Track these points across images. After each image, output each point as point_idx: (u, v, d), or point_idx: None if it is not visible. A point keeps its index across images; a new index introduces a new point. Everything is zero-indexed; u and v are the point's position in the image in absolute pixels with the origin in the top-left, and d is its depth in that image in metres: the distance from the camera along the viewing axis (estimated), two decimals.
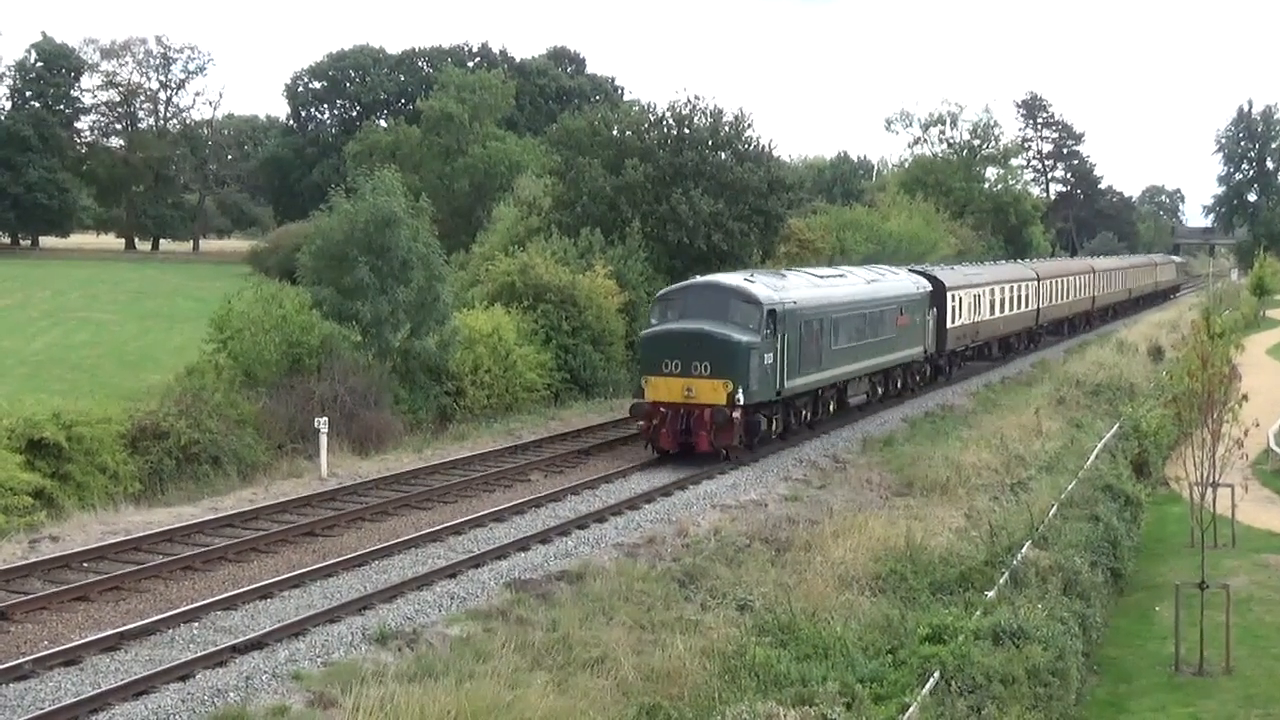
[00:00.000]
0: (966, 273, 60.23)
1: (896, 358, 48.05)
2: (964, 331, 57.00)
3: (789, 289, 38.95)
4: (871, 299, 45.13)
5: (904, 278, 50.90)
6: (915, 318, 49.38)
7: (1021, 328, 68.92)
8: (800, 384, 38.94)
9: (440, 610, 22.74)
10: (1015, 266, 72.51)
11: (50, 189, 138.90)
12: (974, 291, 58.23)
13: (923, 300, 50.77)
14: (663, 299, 38.25)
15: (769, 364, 36.32)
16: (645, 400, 35.92)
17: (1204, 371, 26.36)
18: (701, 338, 35.54)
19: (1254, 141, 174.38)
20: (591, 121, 72.52)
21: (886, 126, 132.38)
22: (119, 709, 17.71)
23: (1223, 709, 22.75)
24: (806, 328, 38.72)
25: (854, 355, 43.13)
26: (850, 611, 23.75)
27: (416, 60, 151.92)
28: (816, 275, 43.48)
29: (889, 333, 46.42)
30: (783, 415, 38.83)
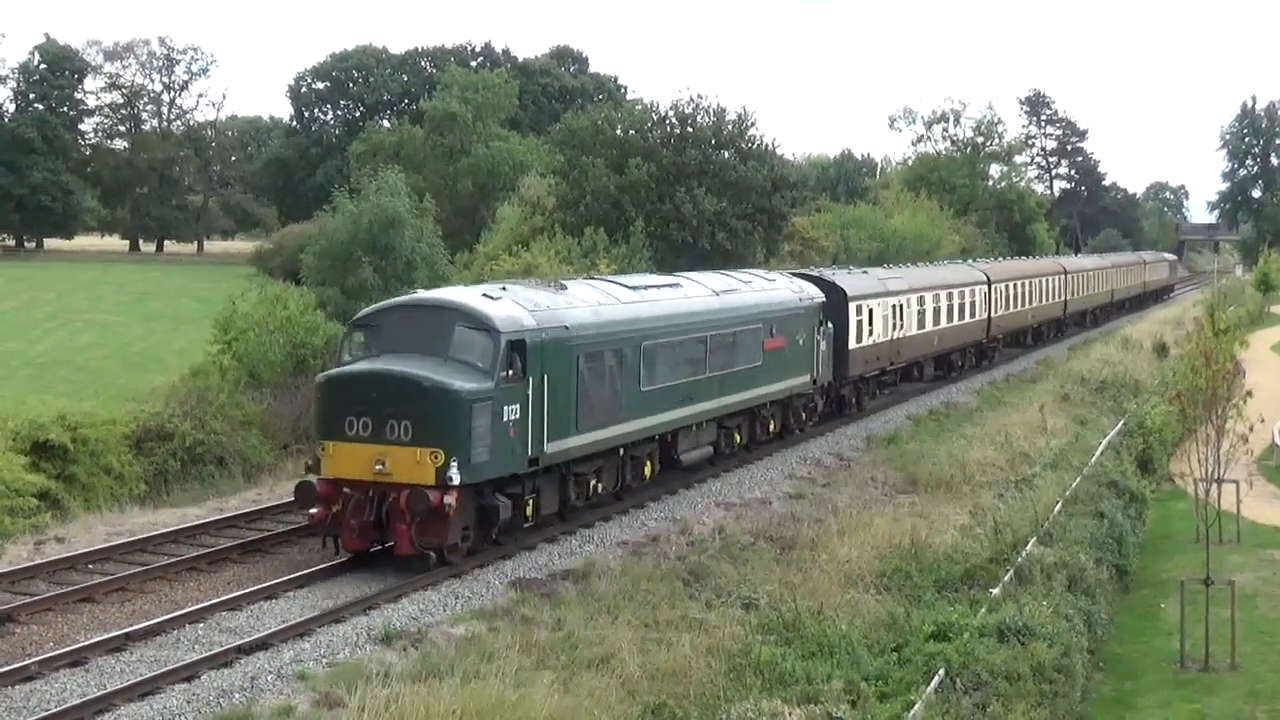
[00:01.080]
0: (883, 277, 49.92)
1: (765, 392, 36.64)
2: (877, 352, 46.49)
3: (562, 307, 27.64)
4: (717, 316, 33.85)
5: (780, 286, 39.14)
6: (797, 337, 38.29)
7: (966, 342, 58.65)
8: (579, 445, 27.56)
9: (445, 610, 22.76)
10: (958, 268, 62.38)
11: (54, 191, 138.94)
12: (892, 301, 47.72)
13: (809, 314, 39.49)
14: (359, 326, 26.61)
15: (511, 420, 25.05)
16: (320, 477, 24.78)
17: (1208, 368, 26.35)
18: (397, 385, 24.23)
19: (1258, 137, 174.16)
20: (595, 121, 72.69)
21: (890, 124, 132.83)
22: (124, 710, 17.73)
23: (1228, 705, 22.76)
24: (591, 362, 27.81)
25: (685, 395, 31.88)
26: (855, 609, 23.75)
27: (419, 60, 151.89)
28: (626, 286, 31.66)
29: (750, 360, 35.22)
30: (551, 491, 27.44)
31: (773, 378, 36.83)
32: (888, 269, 53.99)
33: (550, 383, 26.13)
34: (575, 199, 67.77)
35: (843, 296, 43.29)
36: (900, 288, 49.17)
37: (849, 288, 44.21)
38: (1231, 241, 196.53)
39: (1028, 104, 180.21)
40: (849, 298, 43.59)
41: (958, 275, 58.54)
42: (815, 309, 40.09)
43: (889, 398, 49.46)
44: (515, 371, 25.27)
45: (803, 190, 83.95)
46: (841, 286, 43.71)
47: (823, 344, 40.46)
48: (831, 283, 43.50)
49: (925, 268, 59.37)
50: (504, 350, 24.92)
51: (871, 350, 45.83)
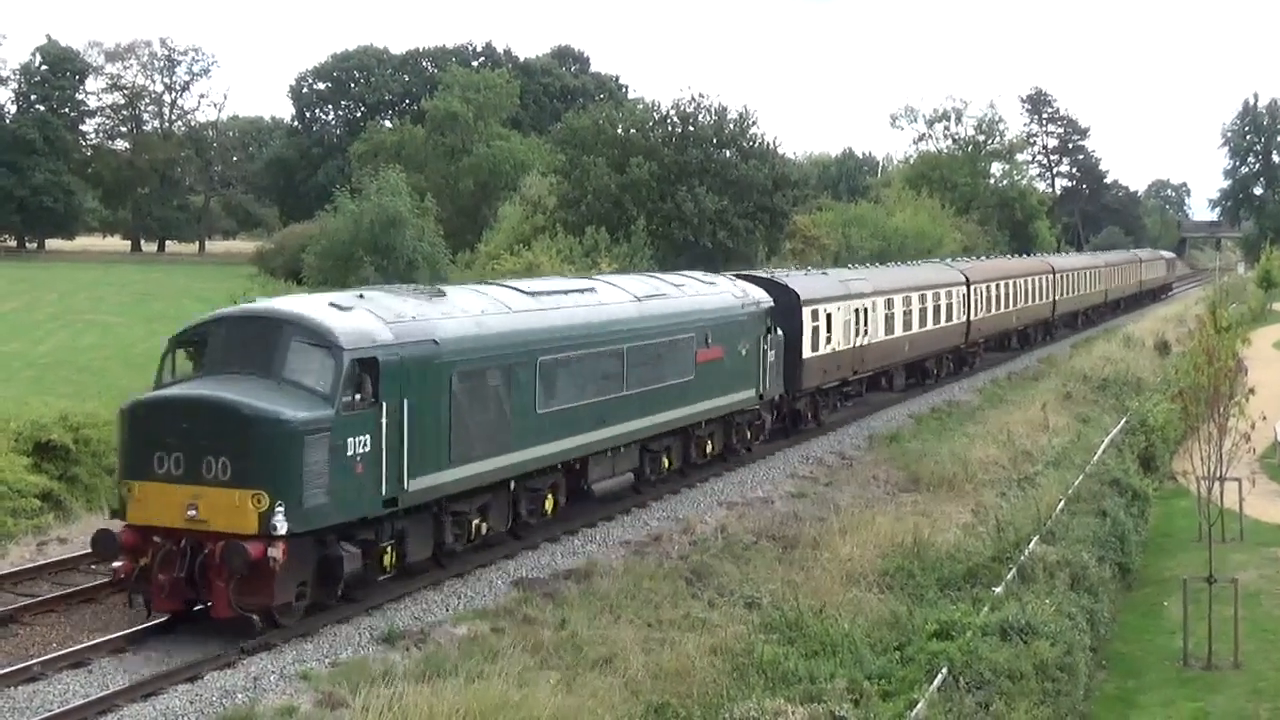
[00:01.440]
0: (846, 278, 45.46)
1: (700, 410, 32.43)
2: (838, 361, 42.11)
3: (433, 318, 23.27)
4: (638, 326, 29.64)
5: (719, 290, 34.93)
6: (740, 347, 34.18)
7: (943, 348, 54.47)
8: (454, 479, 23.26)
9: (448, 609, 22.74)
10: (934, 268, 58.27)
11: (56, 192, 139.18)
12: (855, 304, 43.54)
13: (754, 321, 35.41)
14: (182, 342, 22.55)
15: (359, 454, 20.82)
16: (125, 523, 20.85)
17: (1210, 365, 26.36)
18: (213, 414, 20.25)
19: (1260, 135, 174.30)
20: (596, 120, 72.85)
21: (891, 122, 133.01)
22: (127, 710, 17.73)
23: (1231, 703, 22.75)
24: (469, 382, 23.60)
25: (597, 417, 27.77)
26: (858, 608, 23.73)
27: (421, 60, 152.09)
28: (523, 291, 27.26)
29: (679, 374, 31.07)
30: (420, 535, 23.25)
31: (709, 393, 32.54)
32: (853, 270, 49.78)
33: (413, 408, 21.88)
34: (577, 198, 67.87)
35: (795, 301, 38.86)
36: (865, 290, 44.88)
37: (803, 291, 39.70)
38: (1233, 239, 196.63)
39: (1029, 102, 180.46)
40: (803, 302, 39.15)
41: (932, 276, 54.33)
42: (762, 315, 35.83)
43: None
44: (364, 396, 21.06)
45: (804, 189, 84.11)
46: (794, 289, 39.38)
47: (771, 354, 36.11)
48: (784, 285, 39.34)
49: (896, 268, 55.39)
50: (348, 370, 20.71)
51: (830, 359, 41.39)
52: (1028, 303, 67.44)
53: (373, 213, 61.70)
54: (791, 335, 38.10)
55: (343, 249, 62.16)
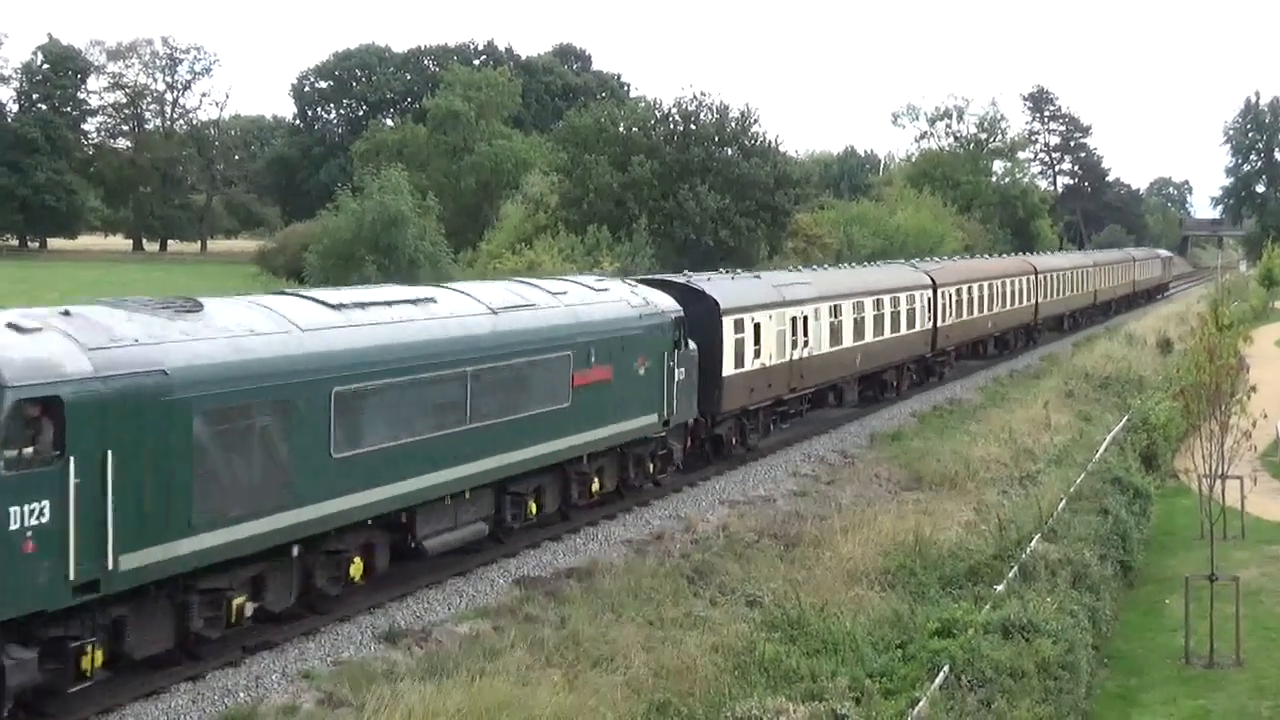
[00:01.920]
0: (781, 282, 39.75)
1: (579, 442, 27.28)
2: (769, 377, 36.97)
3: (166, 340, 18.31)
4: (488, 343, 24.32)
5: (611, 298, 29.55)
6: (636, 365, 29.07)
7: (904, 357, 49.82)
8: (198, 550, 18.36)
9: (449, 608, 22.77)
10: (894, 270, 52.99)
11: (58, 191, 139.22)
12: (792, 312, 38.40)
13: (656, 334, 30.20)
14: None
15: (29, 528, 15.98)
16: None
17: (1212, 364, 26.38)
18: None
19: (1262, 133, 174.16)
20: (598, 118, 72.89)
21: (893, 121, 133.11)
22: (130, 709, 17.74)
23: (1233, 701, 22.74)
24: (221, 424, 18.65)
25: (426, 458, 22.55)
26: (859, 606, 23.74)
27: (422, 59, 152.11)
28: (326, 304, 21.96)
29: (549, 400, 26.01)
30: (150, 623, 18.40)
31: (592, 421, 27.44)
32: (792, 271, 44.67)
33: (124, 460, 16.90)
34: (578, 197, 67.93)
35: (713, 309, 34.06)
36: (804, 295, 39.66)
37: (723, 298, 34.75)
38: (1235, 237, 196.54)
39: (1031, 100, 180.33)
40: (723, 311, 34.29)
41: (892, 279, 49.48)
42: (668, 327, 30.67)
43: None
44: (40, 448, 16.10)
45: (806, 187, 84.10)
46: (712, 297, 34.36)
47: (681, 372, 31.18)
48: (698, 292, 34.32)
49: (847, 270, 50.25)
50: (9, 414, 15.76)
51: (759, 376, 36.32)
52: (1006, 306, 62.68)
53: (374, 212, 61.74)
54: (709, 349, 33.28)
55: (344, 248, 62.20)
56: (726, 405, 34.79)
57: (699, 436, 34.43)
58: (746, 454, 36.57)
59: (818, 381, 40.93)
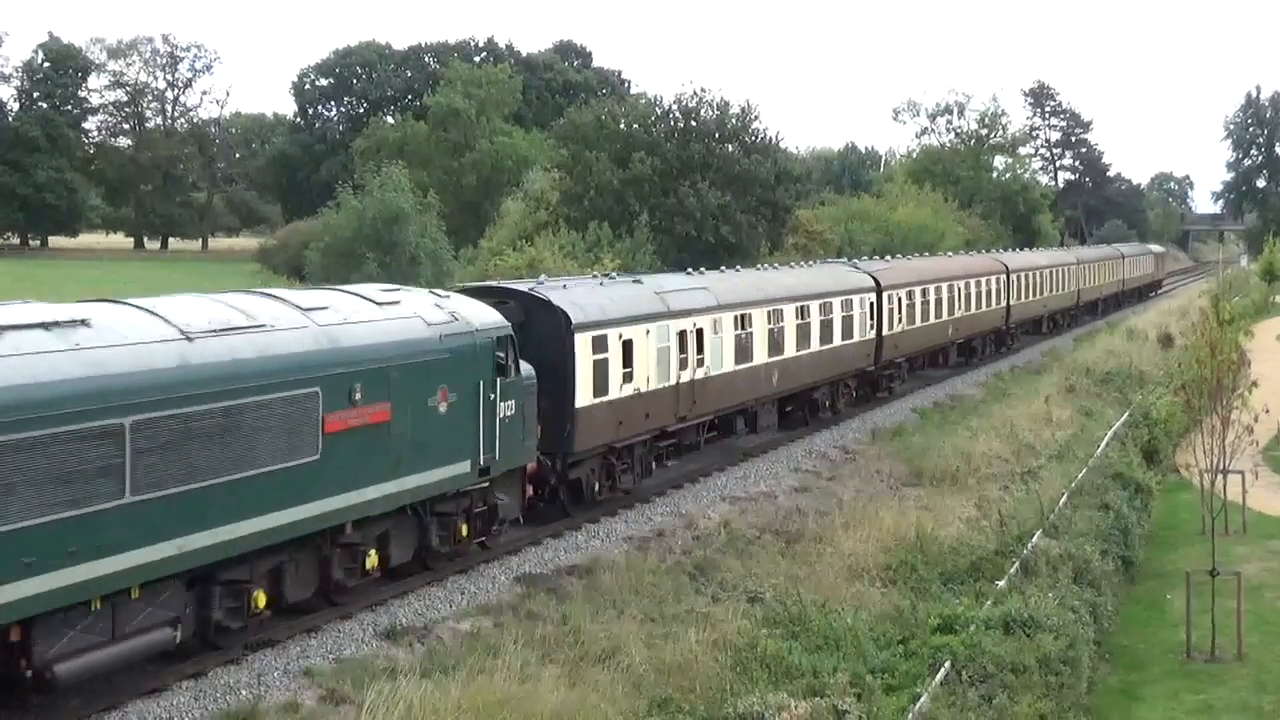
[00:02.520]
0: (666, 289, 32.96)
1: (340, 506, 20.79)
2: (644, 406, 30.43)
3: None
4: (172, 382, 17.94)
5: (400, 312, 22.89)
6: (433, 400, 22.65)
7: (840, 372, 42.79)
8: None
9: (451, 605, 22.77)
10: (828, 272, 45.63)
11: (59, 189, 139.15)
12: (680, 325, 32.11)
13: (467, 359, 23.57)
14: None
15: None
16: None
17: (1213, 358, 26.37)
18: None
19: (1263, 127, 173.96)
20: (598, 115, 72.83)
21: (894, 117, 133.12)
22: (132, 707, 17.75)
23: (1235, 695, 22.76)
24: None
25: (44, 550, 16.14)
26: (861, 602, 23.75)
27: (423, 56, 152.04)
28: None
29: (285, 453, 19.65)
30: None
31: (357, 478, 20.83)
32: (691, 275, 36.65)
33: None
34: (579, 194, 67.91)
35: (562, 324, 27.65)
36: (698, 304, 33.48)
37: (576, 309, 28.22)
38: (1236, 231, 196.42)
39: (1032, 95, 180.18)
40: (575, 326, 27.83)
41: (822, 281, 42.60)
42: (485, 348, 24.07)
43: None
44: None
45: (807, 183, 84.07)
46: (560, 309, 27.82)
47: (508, 405, 24.67)
48: (544, 302, 27.99)
49: (762, 272, 42.63)
50: None
51: (631, 405, 29.82)
52: (970, 309, 56.36)
53: (375, 209, 61.78)
54: (556, 374, 27.24)
55: (346, 245, 62.24)
56: (583, 443, 28.06)
57: (545, 483, 27.77)
58: (625, 496, 30.35)
59: (719, 406, 34.33)
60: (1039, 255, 76.77)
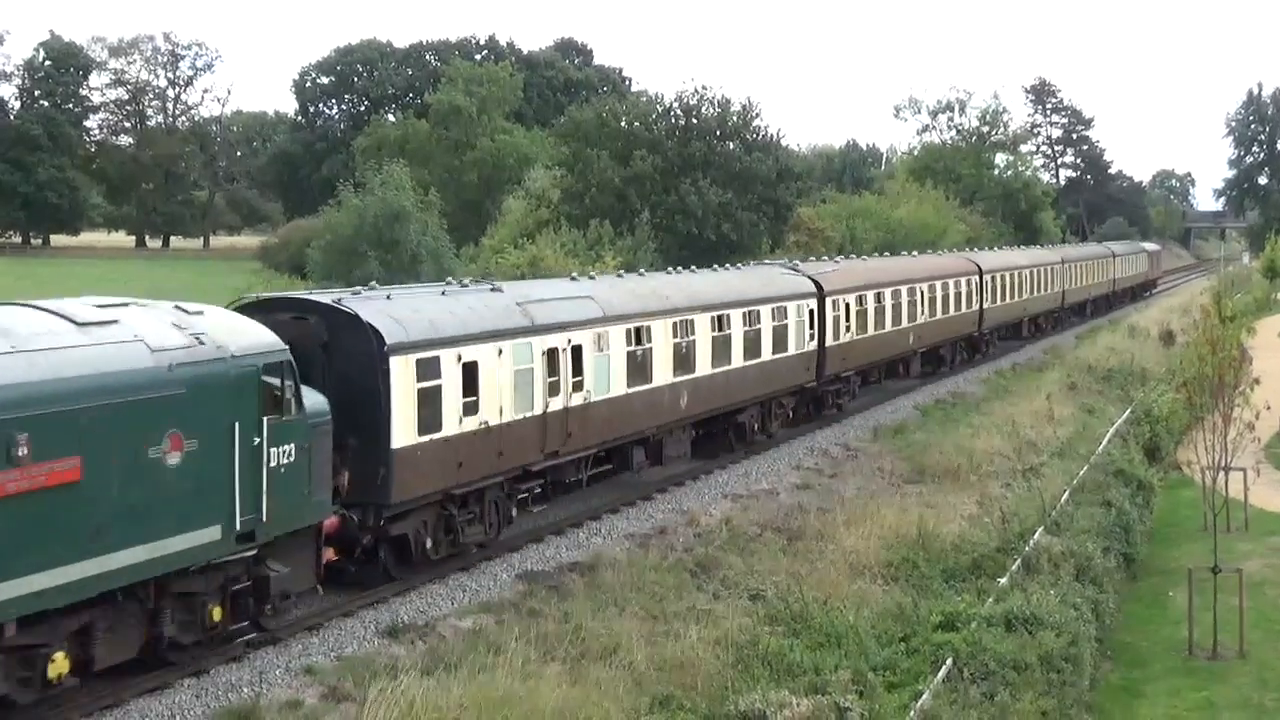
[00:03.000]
0: (528, 299, 27.69)
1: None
2: (499, 442, 25.37)
3: None
4: None
5: (113, 335, 17.69)
6: (162, 451, 17.57)
7: (772, 390, 37.66)
8: None
9: (452, 603, 22.80)
10: (761, 275, 40.41)
11: (60, 188, 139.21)
12: (550, 343, 27.16)
13: (217, 395, 18.54)
14: None
15: None
16: None
17: (1214, 355, 26.35)
18: None
19: (1264, 124, 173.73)
20: (600, 113, 72.84)
21: (895, 114, 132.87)
22: (134, 705, 17.76)
23: (1237, 692, 22.75)
24: None
25: None
26: (862, 600, 23.75)
27: (424, 54, 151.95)
28: None
29: None
30: None
31: (17, 563, 15.82)
32: (576, 281, 31.86)
33: None
34: (580, 191, 67.92)
35: (372, 345, 22.49)
36: (575, 316, 28.24)
37: (392, 326, 23.05)
38: (1238, 229, 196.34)
39: (1033, 92, 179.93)
40: (391, 347, 22.69)
41: (750, 286, 37.50)
42: (246, 379, 19.03)
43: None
44: None
45: (808, 181, 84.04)
46: (371, 325, 22.64)
47: (285, 450, 19.52)
48: (350, 316, 22.89)
49: (678, 276, 36.52)
50: None
51: (476, 442, 24.66)
52: (936, 315, 51.62)
53: (377, 207, 61.70)
54: (366, 407, 22.36)
55: (347, 244, 62.15)
56: (404, 491, 22.98)
57: (355, 543, 22.68)
58: (478, 551, 25.47)
59: (606, 437, 29.49)
60: (1018, 254, 71.59)
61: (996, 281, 59.84)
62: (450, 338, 24.22)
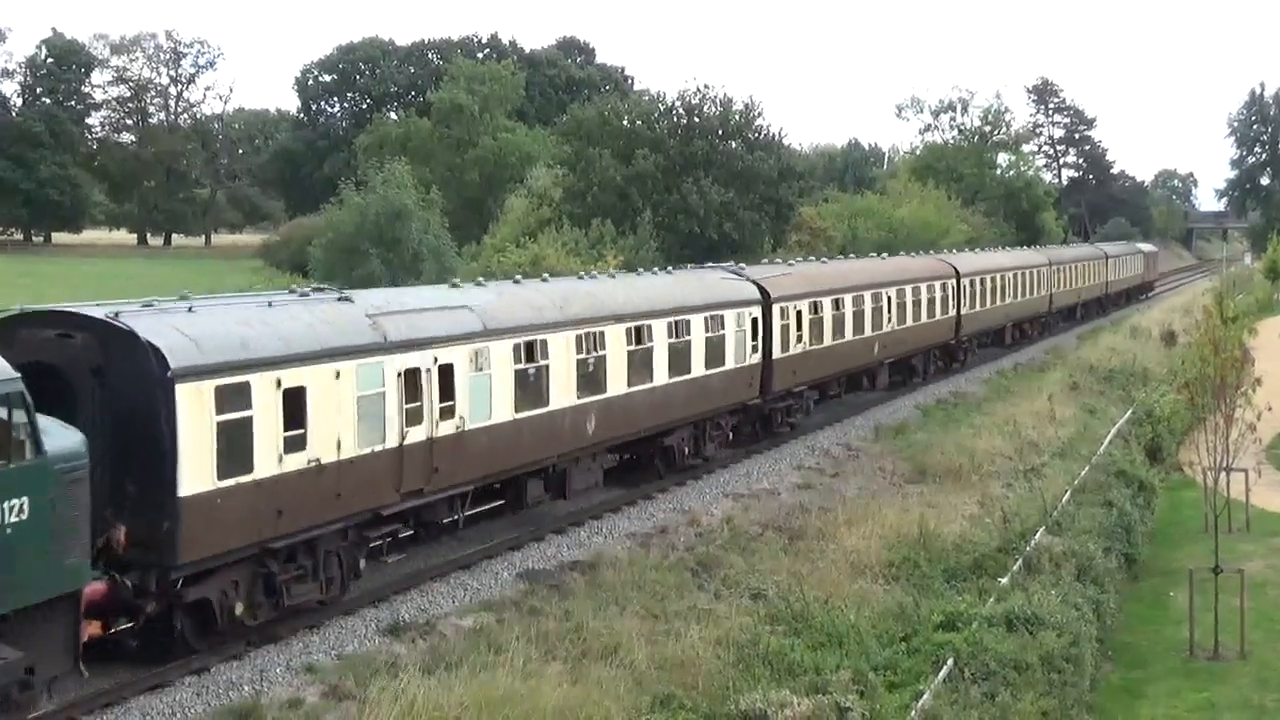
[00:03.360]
0: (383, 309, 23.80)
1: None
2: (336, 482, 21.44)
3: None
4: None
5: None
6: None
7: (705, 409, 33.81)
8: None
9: (454, 601, 22.79)
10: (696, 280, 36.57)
11: (62, 185, 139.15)
12: (410, 362, 23.20)
13: None
14: None
15: None
16: None
17: (1216, 356, 26.34)
18: None
19: (1266, 125, 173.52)
20: (602, 112, 72.81)
21: (897, 113, 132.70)
22: (134, 703, 17.77)
23: (1238, 693, 22.75)
24: None
25: None
26: (863, 599, 23.75)
27: (426, 52, 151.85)
28: None
29: None
30: None
31: None
32: (454, 289, 27.68)
33: None
34: (582, 190, 67.89)
35: (154, 368, 18.66)
36: (450, 330, 24.43)
37: (181, 347, 19.04)
38: (1240, 229, 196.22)
39: (1035, 92, 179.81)
40: (178, 373, 18.73)
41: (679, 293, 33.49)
42: None
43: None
44: None
45: (810, 180, 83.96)
46: (150, 344, 18.79)
47: (15, 508, 15.78)
48: (125, 333, 18.99)
49: (590, 282, 32.32)
50: None
51: (303, 483, 20.74)
52: (905, 322, 46.98)
53: (378, 205, 61.72)
54: (145, 445, 18.57)
55: (349, 242, 62.16)
56: (197, 548, 19.00)
57: (136, 612, 18.82)
58: (321, 608, 21.66)
59: (489, 470, 25.55)
60: (1002, 256, 66.44)
61: (976, 286, 55.97)
62: (267, 359, 20.05)
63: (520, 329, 26.27)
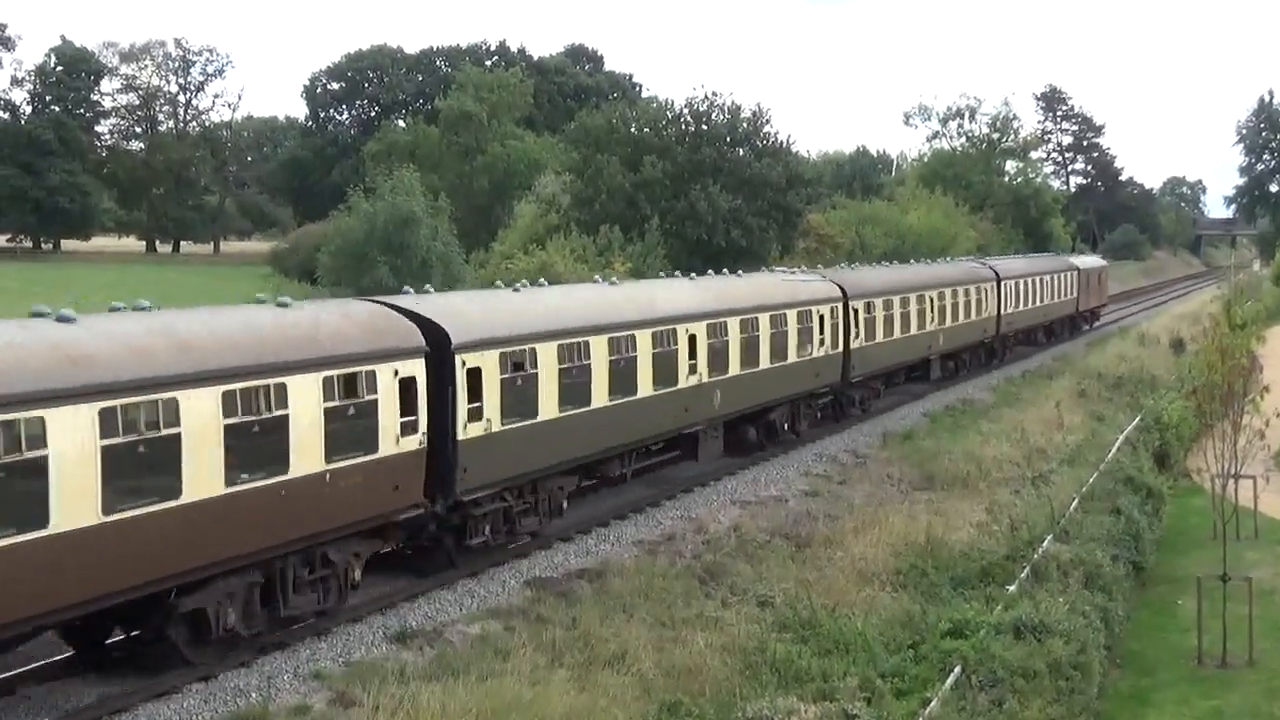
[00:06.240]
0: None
1: None
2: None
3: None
4: None
5: None
6: None
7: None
8: None
9: (461, 609, 22.79)
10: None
11: (71, 192, 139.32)
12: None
13: None
14: None
15: None
16: None
17: (1224, 363, 26.34)
18: None
19: (1275, 132, 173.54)
20: (610, 119, 72.86)
21: (905, 120, 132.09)
22: (142, 709, 17.79)
23: (1246, 701, 22.71)
24: None
25: None
26: (871, 607, 23.74)
27: (434, 60, 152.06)
28: None
29: None
30: None
31: None
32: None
33: None
34: (590, 197, 67.94)
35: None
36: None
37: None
38: (1249, 236, 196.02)
39: (1043, 99, 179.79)
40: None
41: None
42: None
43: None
44: None
45: (818, 187, 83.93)
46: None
47: None
48: None
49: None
50: None
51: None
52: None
53: (387, 213, 61.74)
54: None
55: (357, 249, 62.19)
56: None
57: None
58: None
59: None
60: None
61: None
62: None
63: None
